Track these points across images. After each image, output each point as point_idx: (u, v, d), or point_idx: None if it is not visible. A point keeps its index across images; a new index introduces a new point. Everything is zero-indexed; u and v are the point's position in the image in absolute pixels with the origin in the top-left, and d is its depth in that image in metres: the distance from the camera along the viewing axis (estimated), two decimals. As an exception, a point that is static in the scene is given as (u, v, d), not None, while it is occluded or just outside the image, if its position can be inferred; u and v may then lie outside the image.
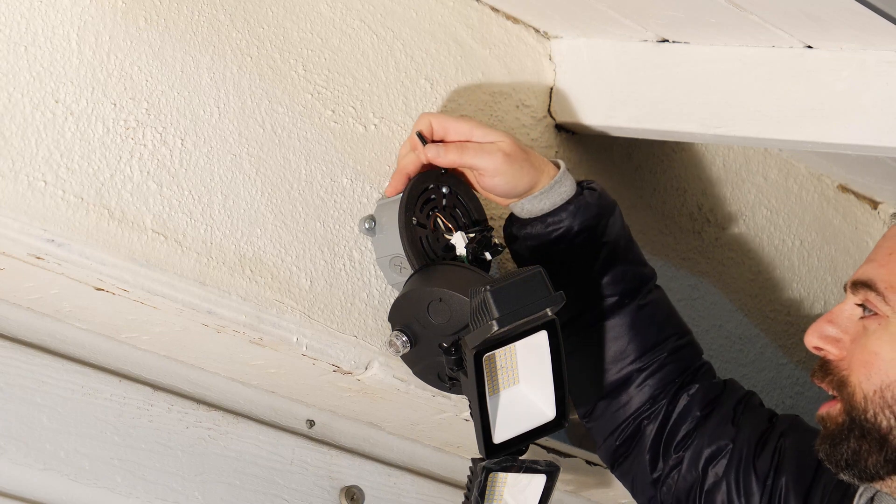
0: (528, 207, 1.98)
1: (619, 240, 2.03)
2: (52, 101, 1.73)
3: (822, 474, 1.93)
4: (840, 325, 1.86)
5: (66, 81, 1.74)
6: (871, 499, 1.87)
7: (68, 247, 1.72)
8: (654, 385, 2.02)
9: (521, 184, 1.96)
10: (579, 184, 2.01)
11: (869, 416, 1.81)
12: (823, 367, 1.87)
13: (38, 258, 1.71)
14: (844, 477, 1.84)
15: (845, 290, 1.88)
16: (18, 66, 1.71)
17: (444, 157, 1.93)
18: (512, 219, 2.02)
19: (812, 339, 1.87)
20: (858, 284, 1.86)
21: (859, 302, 1.86)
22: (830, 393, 1.86)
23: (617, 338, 2.02)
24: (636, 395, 2.02)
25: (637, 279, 2.03)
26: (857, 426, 1.82)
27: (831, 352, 1.86)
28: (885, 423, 1.81)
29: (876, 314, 1.84)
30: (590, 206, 1.99)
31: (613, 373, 2.02)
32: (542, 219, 1.98)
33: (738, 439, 1.99)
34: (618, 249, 2.02)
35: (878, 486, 1.85)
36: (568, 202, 1.98)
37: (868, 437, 1.81)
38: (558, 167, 1.99)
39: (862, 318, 1.85)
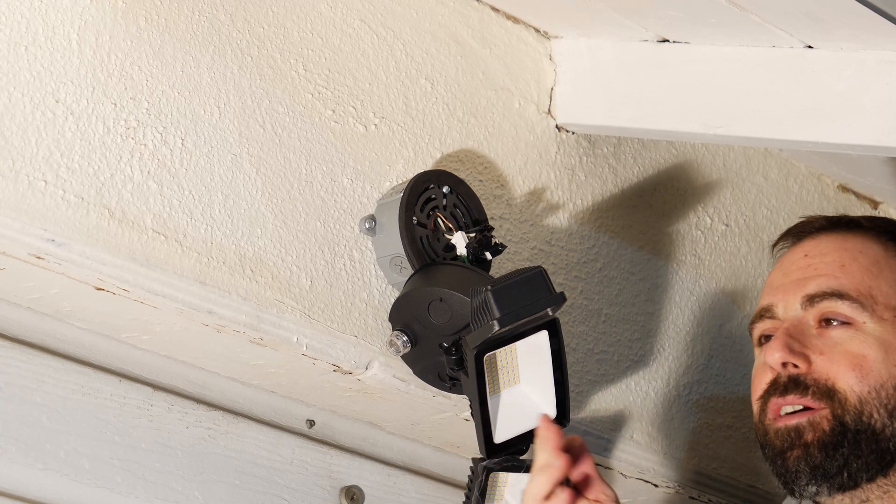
0: None
1: None
2: (53, 100, 1.73)
3: None
4: (800, 339, 1.88)
5: (66, 81, 1.74)
6: None
7: (68, 246, 1.72)
8: None
9: None
10: None
11: (864, 417, 1.84)
12: (796, 383, 1.87)
13: (38, 258, 1.71)
14: (823, 487, 1.85)
15: (767, 312, 1.91)
16: (18, 65, 1.71)
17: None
18: None
19: (782, 356, 1.87)
20: (825, 296, 1.88)
21: (824, 315, 1.88)
22: (808, 406, 1.86)
23: None
24: None
25: None
26: (851, 429, 1.84)
27: (800, 365, 1.87)
28: (879, 423, 1.84)
29: (847, 323, 1.87)
30: None
31: None
32: None
33: None
34: None
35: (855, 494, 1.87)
36: None
37: (861, 438, 1.83)
38: None
39: (826, 328, 1.88)
